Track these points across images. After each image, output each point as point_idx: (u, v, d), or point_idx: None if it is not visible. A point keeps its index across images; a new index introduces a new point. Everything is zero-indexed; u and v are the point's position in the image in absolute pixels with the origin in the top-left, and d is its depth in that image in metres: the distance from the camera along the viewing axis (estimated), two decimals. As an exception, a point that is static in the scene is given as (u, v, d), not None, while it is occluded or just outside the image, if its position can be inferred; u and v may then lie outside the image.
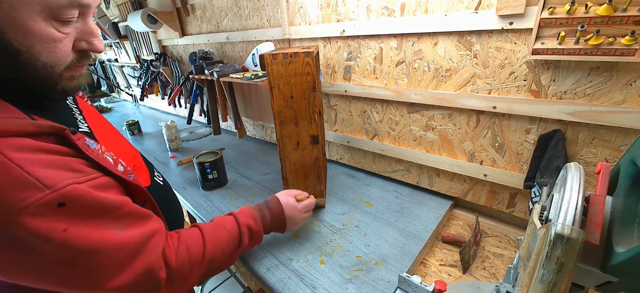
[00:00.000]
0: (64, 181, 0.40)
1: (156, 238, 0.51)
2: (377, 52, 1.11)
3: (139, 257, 0.47)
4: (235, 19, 1.61)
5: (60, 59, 0.43)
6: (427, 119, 1.08)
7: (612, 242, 0.41)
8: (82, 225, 0.42)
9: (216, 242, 0.61)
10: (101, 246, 0.43)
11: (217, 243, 0.61)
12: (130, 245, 0.47)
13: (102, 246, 0.43)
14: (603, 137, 0.78)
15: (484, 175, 1.00)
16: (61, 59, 0.43)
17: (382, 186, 1.29)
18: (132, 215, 0.50)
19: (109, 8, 2.68)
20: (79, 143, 0.46)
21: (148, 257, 0.48)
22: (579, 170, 0.46)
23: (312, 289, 0.82)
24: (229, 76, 1.39)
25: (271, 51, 1.02)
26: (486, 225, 1.07)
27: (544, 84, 0.81)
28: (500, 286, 0.70)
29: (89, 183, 0.44)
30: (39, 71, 0.42)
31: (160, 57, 2.29)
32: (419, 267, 0.93)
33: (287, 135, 1.04)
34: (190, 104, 1.97)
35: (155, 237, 0.51)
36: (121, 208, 0.47)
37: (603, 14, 0.65)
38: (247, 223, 0.69)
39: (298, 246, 0.97)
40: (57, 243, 0.39)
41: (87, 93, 4.04)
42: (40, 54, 0.41)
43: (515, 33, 0.81)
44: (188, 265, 0.55)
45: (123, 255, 0.46)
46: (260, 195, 1.28)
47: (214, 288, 1.82)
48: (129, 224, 0.48)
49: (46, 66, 0.42)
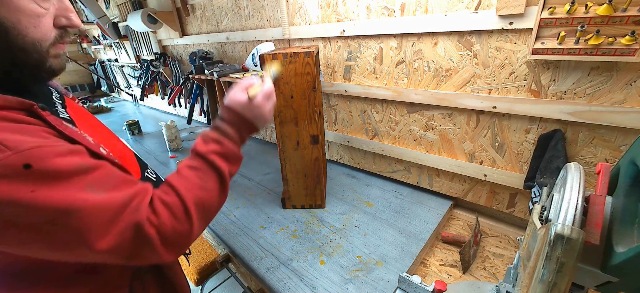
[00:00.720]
0: (28, 143, 0.39)
1: (141, 197, 0.50)
2: (377, 52, 1.11)
3: (124, 216, 0.46)
4: (235, 19, 1.61)
5: (45, 33, 0.46)
6: (427, 119, 1.08)
7: (612, 242, 0.41)
8: (52, 186, 0.40)
9: (187, 181, 0.56)
10: (80, 205, 0.42)
11: (188, 182, 0.56)
12: (114, 206, 0.46)
13: (81, 205, 0.42)
14: (603, 137, 0.78)
15: (484, 175, 1.00)
16: (46, 34, 0.47)
17: (382, 186, 1.29)
18: (115, 177, 0.49)
19: (109, 8, 2.68)
20: (49, 118, 0.46)
21: (134, 216, 0.47)
22: (579, 170, 0.46)
23: (312, 289, 0.82)
24: (229, 76, 1.39)
25: (271, 50, 1.02)
26: (486, 225, 1.07)
27: (544, 84, 0.81)
28: (500, 286, 0.70)
29: (58, 147, 0.43)
30: (28, 48, 0.45)
31: (160, 57, 2.29)
32: (419, 267, 0.93)
33: (287, 135, 1.04)
34: (190, 104, 1.97)
35: (140, 196, 0.50)
36: (96, 168, 0.46)
37: (603, 14, 0.65)
38: (210, 149, 0.61)
39: (298, 247, 0.97)
40: (26, 204, 0.38)
41: (87, 93, 4.04)
42: (27, 29, 0.44)
43: (515, 33, 0.81)
44: (171, 215, 0.52)
45: (108, 216, 0.45)
46: (260, 195, 1.28)
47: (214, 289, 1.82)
48: (112, 186, 0.47)
49: (34, 42, 0.45)
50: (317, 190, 1.13)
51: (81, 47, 3.84)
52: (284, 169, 1.10)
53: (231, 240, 1.03)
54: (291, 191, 1.14)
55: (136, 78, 2.70)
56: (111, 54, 3.24)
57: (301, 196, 1.15)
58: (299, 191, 1.14)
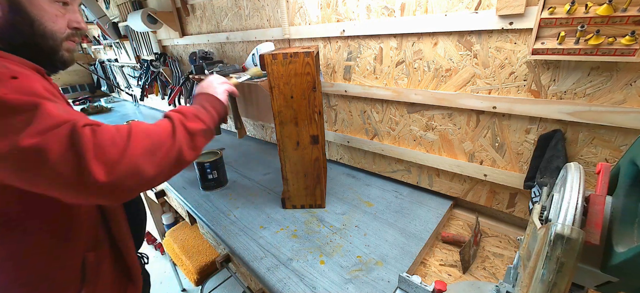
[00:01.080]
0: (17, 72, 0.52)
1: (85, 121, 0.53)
2: (377, 52, 1.11)
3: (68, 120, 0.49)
4: (235, 19, 1.61)
5: (61, 28, 0.63)
6: (427, 119, 1.08)
7: (612, 242, 0.41)
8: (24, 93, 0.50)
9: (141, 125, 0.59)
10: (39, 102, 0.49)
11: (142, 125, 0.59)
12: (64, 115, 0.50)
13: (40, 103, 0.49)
14: (603, 137, 0.78)
15: (484, 175, 1.00)
16: (61, 28, 0.63)
17: (382, 186, 1.29)
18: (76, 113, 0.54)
19: (109, 8, 2.68)
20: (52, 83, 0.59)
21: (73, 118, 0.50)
22: (579, 170, 0.46)
23: (312, 289, 0.82)
24: (229, 76, 1.38)
25: (271, 51, 1.02)
26: (486, 225, 1.07)
27: (544, 84, 0.81)
28: (500, 286, 0.70)
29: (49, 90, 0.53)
30: (47, 36, 0.61)
31: (160, 57, 2.29)
32: (419, 267, 0.93)
33: (287, 135, 1.04)
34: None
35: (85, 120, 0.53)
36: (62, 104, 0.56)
37: (603, 14, 0.65)
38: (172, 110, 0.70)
39: (298, 246, 0.97)
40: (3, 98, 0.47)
41: (87, 93, 4.04)
42: (47, 23, 0.60)
43: (515, 33, 0.81)
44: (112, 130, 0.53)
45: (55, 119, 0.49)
46: (260, 195, 1.28)
47: (214, 289, 1.82)
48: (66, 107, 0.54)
49: (52, 33, 0.62)
50: (317, 190, 1.13)
51: (81, 47, 3.84)
52: (284, 169, 1.10)
53: (231, 240, 1.03)
54: (291, 191, 1.14)
55: (136, 78, 2.70)
56: (111, 54, 3.24)
57: (301, 196, 1.15)
58: (299, 191, 1.14)
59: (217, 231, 1.09)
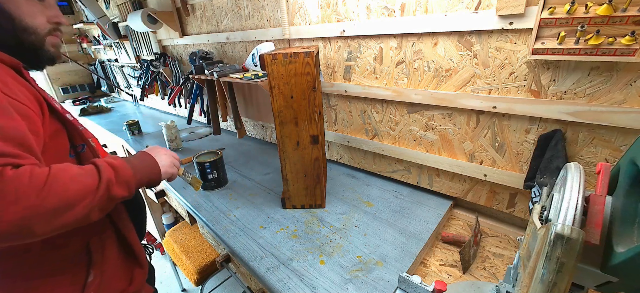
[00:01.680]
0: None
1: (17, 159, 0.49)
2: (377, 52, 1.11)
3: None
4: (235, 19, 1.61)
5: (41, 24, 0.65)
6: (427, 119, 1.08)
7: (612, 242, 0.41)
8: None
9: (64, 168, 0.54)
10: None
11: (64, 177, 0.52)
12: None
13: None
14: (603, 137, 0.78)
15: (484, 175, 1.00)
16: (41, 24, 0.65)
17: (382, 186, 1.29)
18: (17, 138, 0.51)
19: (109, 8, 2.68)
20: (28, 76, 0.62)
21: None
22: (579, 170, 0.46)
23: (312, 289, 0.82)
24: (229, 76, 1.38)
25: (271, 51, 1.02)
26: (486, 225, 1.07)
27: (544, 84, 0.81)
28: (500, 286, 0.70)
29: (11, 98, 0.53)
30: (28, 30, 0.63)
31: (160, 57, 2.29)
32: (419, 267, 0.93)
33: (287, 135, 1.04)
34: (190, 104, 1.97)
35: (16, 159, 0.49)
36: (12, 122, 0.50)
37: (603, 14, 0.65)
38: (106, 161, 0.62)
39: (298, 247, 0.97)
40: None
41: (87, 93, 4.04)
42: (27, 18, 0.63)
43: (515, 33, 0.81)
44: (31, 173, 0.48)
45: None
46: (260, 195, 1.28)
47: (214, 289, 1.82)
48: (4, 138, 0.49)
49: (34, 28, 0.64)
50: (317, 189, 1.13)
51: (81, 47, 3.84)
52: (284, 169, 1.10)
53: (231, 240, 1.03)
54: (291, 191, 1.14)
55: (136, 78, 2.70)
56: (111, 54, 3.24)
57: (301, 196, 1.15)
58: (299, 191, 1.14)
59: (217, 231, 1.09)
